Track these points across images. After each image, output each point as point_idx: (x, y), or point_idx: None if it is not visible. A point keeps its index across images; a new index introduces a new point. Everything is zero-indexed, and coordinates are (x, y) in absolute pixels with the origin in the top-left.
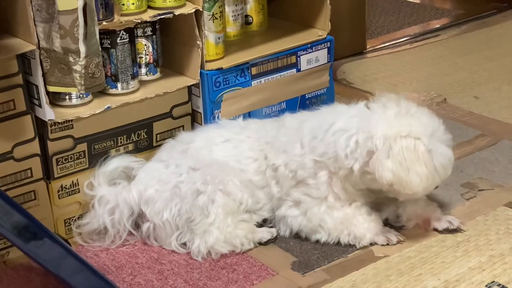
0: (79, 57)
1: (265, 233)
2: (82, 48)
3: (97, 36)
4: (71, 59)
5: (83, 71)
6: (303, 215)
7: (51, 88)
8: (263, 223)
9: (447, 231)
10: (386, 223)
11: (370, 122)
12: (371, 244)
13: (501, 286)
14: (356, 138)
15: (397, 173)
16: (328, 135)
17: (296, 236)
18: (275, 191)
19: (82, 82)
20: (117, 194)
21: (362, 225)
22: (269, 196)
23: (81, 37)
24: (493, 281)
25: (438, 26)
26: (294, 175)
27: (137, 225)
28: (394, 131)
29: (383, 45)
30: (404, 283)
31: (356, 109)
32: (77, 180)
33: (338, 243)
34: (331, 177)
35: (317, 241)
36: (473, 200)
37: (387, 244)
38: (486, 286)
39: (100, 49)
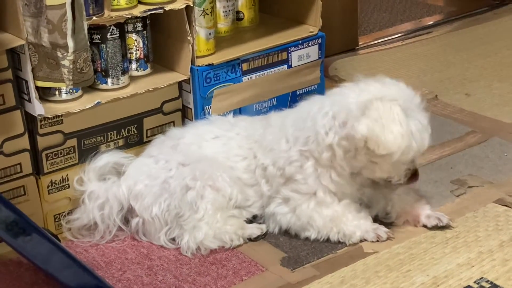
0: (67, 52)
1: (255, 229)
2: (70, 43)
3: (86, 31)
4: (59, 54)
5: (71, 66)
6: (292, 212)
7: (40, 83)
8: (253, 219)
9: (436, 227)
10: (376, 219)
11: (343, 95)
12: (361, 241)
13: (489, 282)
14: (332, 112)
15: (371, 127)
16: (307, 121)
17: (286, 232)
18: (265, 190)
19: (71, 77)
20: (107, 189)
21: (352, 223)
22: (259, 194)
23: (69, 32)
24: (482, 277)
25: (430, 23)
26: (283, 173)
27: (126, 220)
28: (369, 95)
29: (375, 41)
30: (393, 279)
31: (330, 92)
32: (67, 175)
33: (328, 240)
34: (317, 168)
35: (307, 238)
36: (463, 196)
37: (377, 241)
38: (474, 282)
39: (88, 44)
